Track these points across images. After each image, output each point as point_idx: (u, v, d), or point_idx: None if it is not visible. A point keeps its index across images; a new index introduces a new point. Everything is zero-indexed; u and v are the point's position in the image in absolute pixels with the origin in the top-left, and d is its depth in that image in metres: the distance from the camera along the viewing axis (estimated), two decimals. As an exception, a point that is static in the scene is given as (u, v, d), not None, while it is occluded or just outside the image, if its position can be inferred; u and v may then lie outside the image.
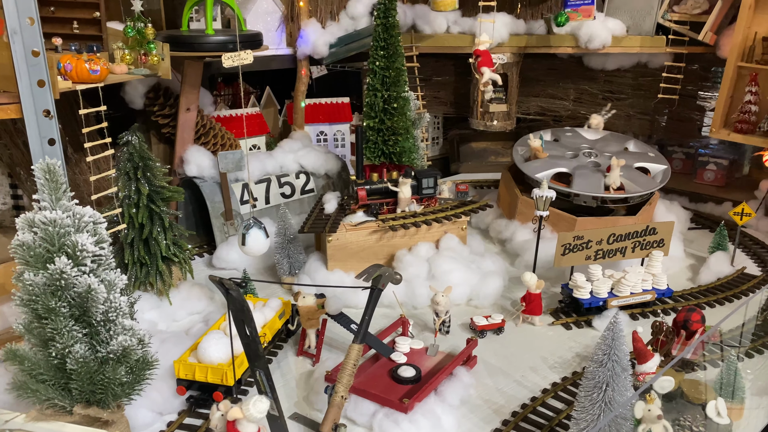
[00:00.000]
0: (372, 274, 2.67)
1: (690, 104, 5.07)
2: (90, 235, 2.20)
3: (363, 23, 4.90)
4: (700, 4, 4.64)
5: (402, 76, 3.93)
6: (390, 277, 2.63)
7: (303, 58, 4.78)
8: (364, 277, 2.74)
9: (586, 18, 4.60)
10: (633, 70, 5.12)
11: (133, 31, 3.26)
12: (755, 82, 4.30)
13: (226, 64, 3.50)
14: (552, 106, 5.47)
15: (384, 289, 2.60)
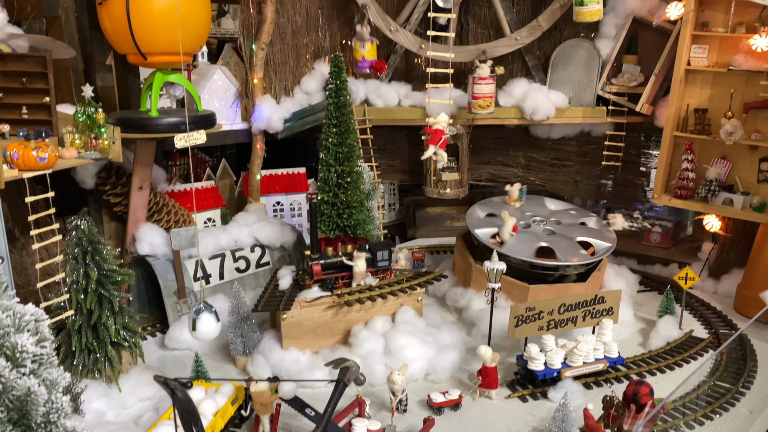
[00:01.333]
0: (339, 364, 2.68)
1: (633, 170, 5.29)
2: (31, 334, 2.14)
3: (317, 98, 5.02)
4: (635, 77, 4.91)
5: (354, 151, 4.02)
6: (354, 374, 2.63)
7: (258, 133, 4.85)
8: (332, 365, 2.75)
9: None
10: (577, 138, 5.34)
11: (84, 116, 3.27)
12: (690, 151, 4.53)
13: (179, 145, 3.54)
14: (502, 173, 5.63)
15: (348, 384, 2.59)
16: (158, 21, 3.40)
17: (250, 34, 4.73)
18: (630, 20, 4.84)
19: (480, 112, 4.88)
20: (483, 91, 4.80)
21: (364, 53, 5.02)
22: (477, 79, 4.78)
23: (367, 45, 4.99)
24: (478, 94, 4.82)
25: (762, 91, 4.17)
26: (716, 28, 4.30)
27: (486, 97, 4.83)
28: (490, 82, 4.80)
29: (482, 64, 4.77)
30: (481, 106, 4.84)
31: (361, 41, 4.98)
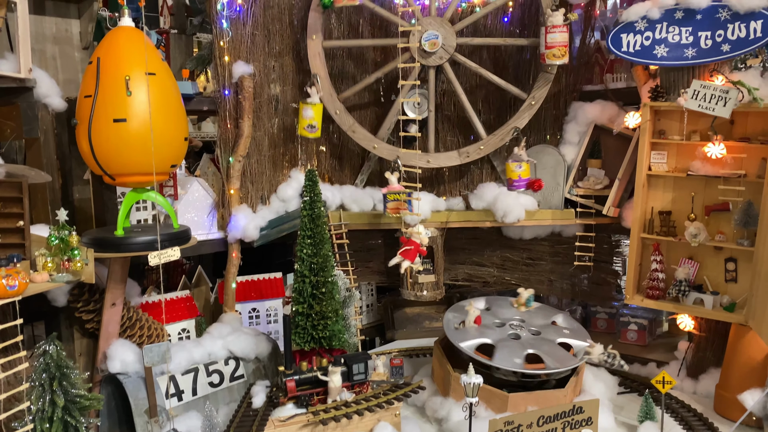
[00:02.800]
0: None
1: (605, 269, 5.38)
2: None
3: (294, 205, 5.11)
4: (601, 180, 5.10)
5: (329, 261, 4.06)
6: None
7: (234, 242, 4.89)
8: None
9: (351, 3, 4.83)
10: (549, 238, 5.45)
11: (57, 239, 3.29)
12: (659, 252, 4.64)
13: (152, 262, 3.56)
14: (478, 272, 5.69)
15: None
16: (121, 145, 3.50)
17: (227, 147, 4.87)
18: (592, 127, 5.08)
19: (555, 62, 4.68)
20: (557, 40, 4.62)
21: (520, 173, 4.90)
22: (550, 27, 4.61)
23: (523, 165, 4.87)
24: (551, 44, 4.63)
25: (721, 195, 4.34)
26: (673, 136, 4.52)
27: (560, 45, 4.62)
28: (563, 30, 4.61)
29: (554, 12, 4.62)
30: (555, 55, 4.64)
31: (518, 162, 4.86)
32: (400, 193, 4.83)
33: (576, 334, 4.45)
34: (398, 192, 4.83)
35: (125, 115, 3.46)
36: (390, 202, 4.84)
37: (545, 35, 4.66)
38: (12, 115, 3.91)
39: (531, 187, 4.93)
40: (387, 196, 4.84)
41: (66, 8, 4.97)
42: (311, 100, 4.84)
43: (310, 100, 4.84)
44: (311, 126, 4.86)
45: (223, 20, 4.65)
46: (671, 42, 4.25)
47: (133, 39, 3.59)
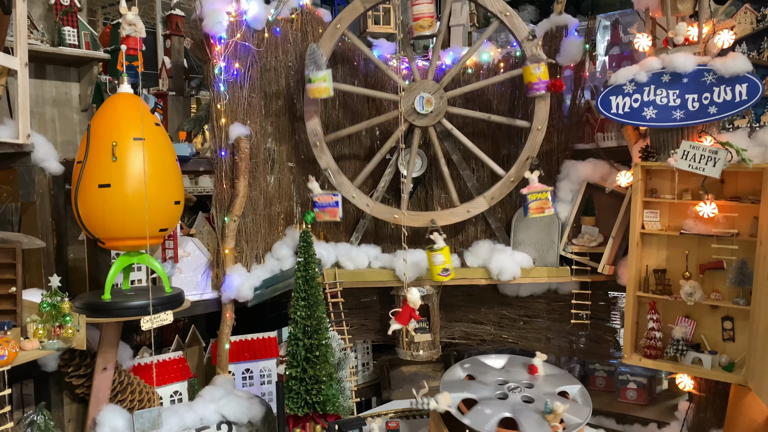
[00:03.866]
0: None
1: (602, 326, 5.34)
2: None
3: (288, 263, 5.10)
4: (595, 238, 5.11)
5: (323, 323, 4.04)
6: None
7: (228, 302, 4.86)
8: None
9: (333, 218, 4.98)
10: (545, 296, 5.43)
11: (49, 306, 3.27)
12: (655, 310, 4.61)
13: (145, 327, 3.54)
14: (475, 330, 5.64)
15: None
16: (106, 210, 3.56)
17: (223, 207, 4.89)
18: (584, 185, 5.13)
19: (423, 33, 4.72)
20: (423, 11, 4.67)
21: (539, 74, 4.77)
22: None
23: (542, 66, 4.76)
24: (418, 15, 4.67)
25: (714, 253, 4.35)
26: (664, 195, 4.56)
27: (427, 16, 4.66)
28: (429, 1, 4.67)
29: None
30: (422, 26, 4.68)
31: (537, 62, 4.75)
32: (542, 192, 4.75)
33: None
34: (540, 191, 4.75)
35: (110, 181, 3.53)
36: (532, 202, 4.77)
37: (411, 7, 4.69)
38: (9, 179, 3.94)
39: (552, 89, 4.79)
40: (529, 197, 4.76)
41: (66, 72, 5.08)
42: (438, 246, 4.82)
43: (437, 246, 4.83)
44: (445, 270, 4.88)
45: (221, 84, 4.74)
46: (659, 104, 4.33)
47: (126, 105, 3.67)
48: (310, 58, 4.72)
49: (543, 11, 14.38)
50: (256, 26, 4.87)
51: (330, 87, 4.80)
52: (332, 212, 4.93)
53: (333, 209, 4.93)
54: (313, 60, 4.71)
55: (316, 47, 4.76)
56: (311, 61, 4.72)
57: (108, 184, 3.52)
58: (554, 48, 5.20)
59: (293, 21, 5.21)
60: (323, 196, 4.92)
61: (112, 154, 3.50)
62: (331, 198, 4.93)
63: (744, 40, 4.55)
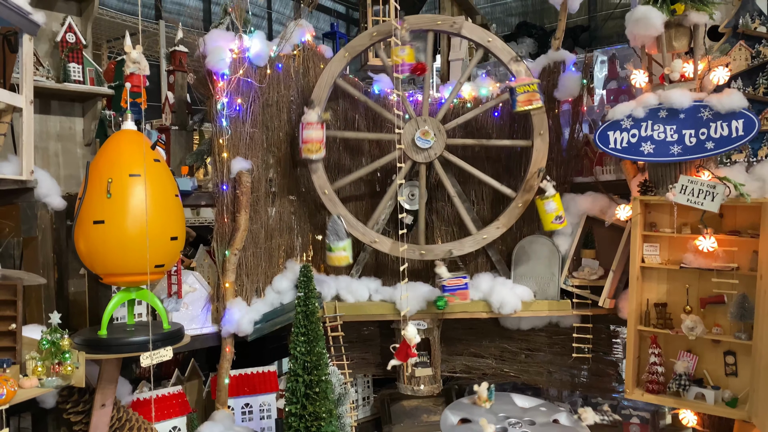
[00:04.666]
0: None
1: (604, 360, 5.31)
2: None
3: (289, 297, 5.10)
4: (596, 271, 5.11)
5: (323, 359, 4.02)
6: None
7: (227, 336, 4.84)
8: None
9: (464, 300, 5.00)
10: (546, 329, 5.41)
11: (48, 343, 3.27)
12: (656, 345, 4.60)
13: (144, 363, 3.52)
14: (476, 364, 5.60)
15: None
16: (101, 246, 3.58)
17: (223, 241, 4.91)
18: (584, 218, 5.15)
19: (311, 156, 4.87)
20: (311, 136, 4.84)
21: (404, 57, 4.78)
22: (304, 124, 4.83)
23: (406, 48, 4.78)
24: (307, 139, 4.84)
25: (715, 287, 4.35)
26: (664, 229, 4.58)
27: (314, 141, 4.84)
28: (318, 127, 4.83)
29: (309, 110, 4.86)
30: (310, 149, 4.84)
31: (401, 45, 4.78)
32: (530, 84, 4.72)
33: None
34: (528, 83, 4.72)
35: (104, 217, 3.56)
36: (521, 95, 4.73)
37: (301, 131, 4.88)
38: (11, 215, 3.97)
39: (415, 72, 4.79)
40: (516, 89, 4.73)
41: (71, 107, 5.14)
42: (549, 193, 4.80)
43: (548, 194, 4.81)
44: (558, 218, 4.83)
45: (223, 119, 4.79)
46: (657, 139, 4.38)
47: (128, 141, 3.71)
48: (332, 228, 4.84)
49: (541, 43, 14.66)
50: (258, 63, 4.94)
51: (350, 255, 4.92)
52: (463, 295, 4.96)
53: (463, 292, 4.96)
54: (334, 230, 4.82)
55: (337, 218, 4.88)
56: (333, 231, 4.83)
57: (102, 220, 3.56)
58: (552, 83, 5.27)
59: (295, 57, 5.30)
60: (452, 280, 4.95)
61: (107, 191, 3.54)
62: (460, 281, 4.95)
63: (739, 76, 4.62)
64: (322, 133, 4.87)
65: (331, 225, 4.86)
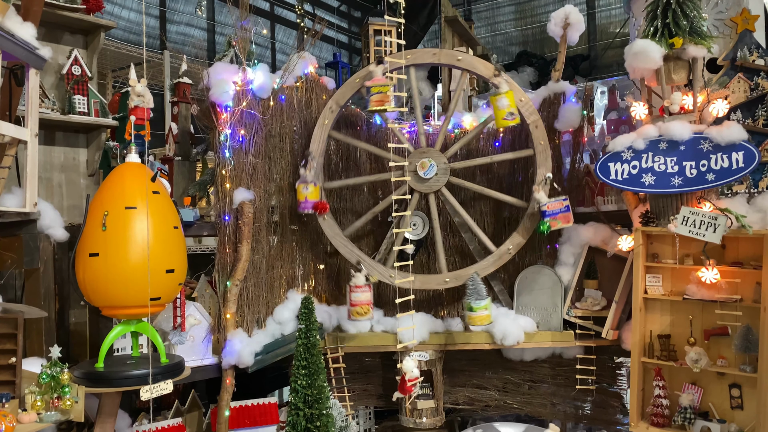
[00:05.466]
0: None
1: (608, 392, 5.26)
2: None
3: (290, 328, 5.07)
4: (598, 301, 5.09)
5: (324, 392, 3.99)
6: None
7: (228, 368, 4.80)
8: None
9: (565, 224, 4.85)
10: (550, 360, 5.38)
11: (48, 377, 3.25)
12: (661, 377, 4.55)
13: (144, 397, 3.50)
14: (479, 396, 5.55)
15: None
16: (95, 279, 3.61)
17: (225, 272, 4.90)
18: (586, 249, 5.14)
19: (359, 319, 4.86)
20: (360, 299, 4.83)
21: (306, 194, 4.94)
22: (353, 287, 4.84)
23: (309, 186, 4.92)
24: (355, 302, 4.84)
25: (718, 319, 4.32)
26: (666, 260, 4.57)
27: (363, 304, 4.83)
28: (366, 289, 4.84)
29: (357, 273, 4.87)
30: (359, 312, 4.84)
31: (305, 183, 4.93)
32: (384, 86, 4.72)
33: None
34: (383, 84, 4.72)
35: (98, 250, 3.59)
36: (374, 95, 4.74)
37: (349, 294, 4.89)
38: (14, 246, 3.97)
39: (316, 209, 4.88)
40: (371, 89, 4.75)
41: (75, 138, 5.19)
42: (502, 89, 4.70)
43: (501, 90, 4.70)
44: (510, 113, 4.72)
45: (226, 150, 4.83)
46: (657, 171, 4.39)
47: (129, 174, 3.74)
48: (472, 287, 4.84)
49: (542, 72, 14.83)
50: (261, 94, 4.99)
51: (491, 314, 4.88)
52: (565, 218, 4.81)
53: (566, 215, 4.80)
54: (475, 290, 4.84)
55: (476, 276, 4.89)
56: (473, 290, 4.84)
57: (97, 253, 3.58)
58: (553, 114, 5.32)
59: (298, 88, 5.36)
60: (553, 204, 4.80)
61: (102, 224, 3.57)
62: (561, 204, 4.79)
63: (738, 108, 4.65)
64: (371, 295, 4.88)
65: (471, 284, 4.83)
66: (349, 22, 18.49)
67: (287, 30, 16.59)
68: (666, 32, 4.30)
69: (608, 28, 15.80)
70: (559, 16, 5.19)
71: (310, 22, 15.81)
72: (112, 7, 12.05)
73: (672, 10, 4.28)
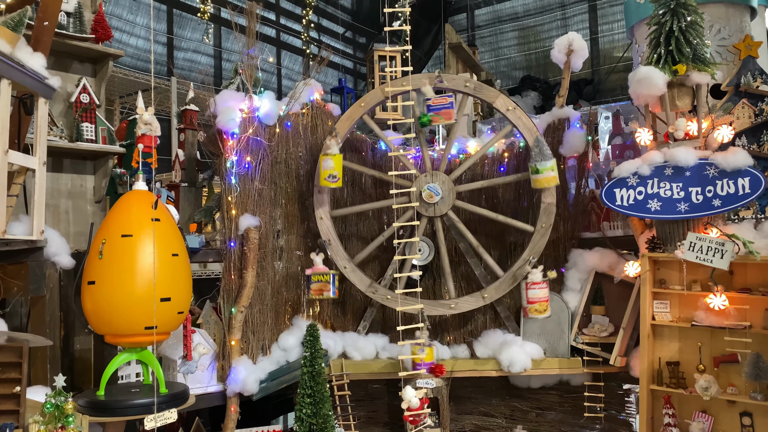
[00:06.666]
0: None
1: (617, 420, 5.19)
2: None
3: (295, 354, 5.03)
4: (606, 327, 5.05)
5: (329, 422, 3.95)
6: None
7: (233, 396, 4.76)
8: None
9: (447, 120, 4.89)
10: (557, 387, 5.32)
11: (52, 406, 3.23)
12: (670, 405, 4.49)
13: (149, 426, 3.47)
14: (486, 423, 5.48)
15: None
16: (93, 307, 3.66)
17: (230, 298, 4.88)
18: (592, 274, 5.12)
19: (538, 317, 4.86)
20: (538, 296, 4.82)
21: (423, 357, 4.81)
22: (530, 284, 4.82)
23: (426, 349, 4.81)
24: (533, 299, 4.83)
25: (728, 346, 4.28)
26: (674, 286, 4.53)
27: (542, 301, 4.83)
28: (543, 286, 4.83)
29: (534, 270, 4.86)
30: (538, 310, 4.83)
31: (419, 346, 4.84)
32: (324, 275, 4.93)
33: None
34: (323, 273, 4.93)
35: (95, 278, 3.63)
36: (314, 283, 4.97)
37: (526, 290, 4.88)
38: (20, 274, 3.99)
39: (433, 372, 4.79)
40: (311, 277, 4.96)
41: (83, 165, 5.23)
42: (331, 151, 4.83)
43: (330, 151, 4.84)
44: (332, 176, 4.87)
45: (232, 177, 4.85)
46: (663, 197, 4.39)
47: (134, 202, 3.76)
48: (537, 149, 4.80)
49: (545, 96, 14.93)
50: (268, 122, 5.03)
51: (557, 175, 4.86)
52: (447, 114, 4.81)
53: (448, 111, 4.80)
54: (539, 151, 4.79)
55: (540, 138, 4.87)
56: (538, 152, 4.79)
57: (93, 281, 3.63)
58: (557, 139, 5.33)
59: (304, 115, 5.40)
60: (437, 99, 4.80)
61: (99, 253, 3.59)
62: (445, 100, 4.77)
63: (743, 134, 4.65)
64: (548, 291, 4.89)
65: (535, 146, 4.75)
66: (354, 48, 18.70)
67: (293, 56, 16.78)
68: (669, 59, 4.34)
69: (611, 53, 15.93)
70: (563, 43, 5.23)
71: (315, 49, 15.98)
72: (120, 35, 12.21)
73: (675, 38, 4.31)
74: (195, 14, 13.08)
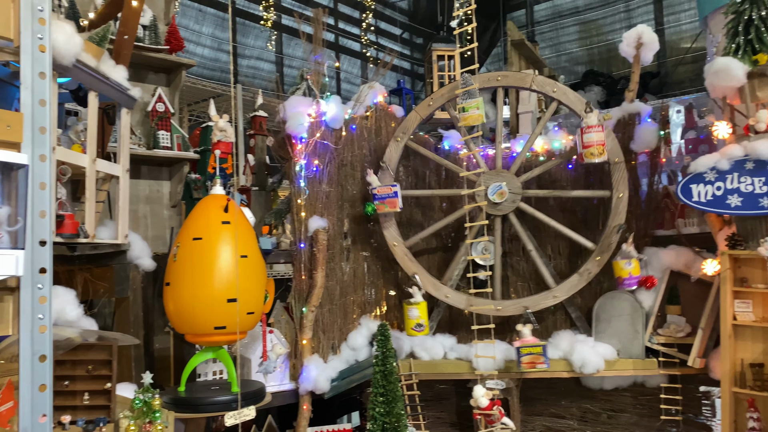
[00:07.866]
0: None
1: (695, 424, 5.01)
2: None
3: (363, 354, 5.11)
4: (682, 328, 4.88)
5: (402, 420, 3.98)
6: None
7: (305, 394, 4.87)
8: None
9: (392, 209, 4.97)
10: (631, 389, 5.18)
11: (141, 402, 3.39)
12: (754, 408, 4.31)
13: (229, 423, 3.59)
14: (556, 425, 5.39)
15: None
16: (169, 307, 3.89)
17: (301, 298, 5.00)
18: (667, 273, 4.96)
19: (593, 160, 4.73)
20: (593, 139, 4.69)
21: (630, 270, 4.88)
22: (585, 128, 4.70)
23: (633, 262, 4.87)
24: (588, 143, 4.70)
25: (818, 347, 4.07)
26: (756, 285, 4.35)
27: (598, 144, 4.68)
28: (599, 129, 4.69)
29: (589, 114, 4.72)
30: (593, 153, 4.70)
31: (627, 258, 4.87)
32: (535, 346, 4.75)
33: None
34: (533, 345, 4.76)
35: (170, 280, 3.87)
36: (525, 356, 4.76)
37: (581, 135, 4.74)
38: (106, 276, 4.19)
39: (643, 285, 4.81)
40: (521, 350, 4.77)
41: (159, 171, 5.45)
42: (414, 300, 5.00)
43: (414, 300, 5.00)
44: (419, 325, 5.01)
45: (301, 180, 4.95)
46: (744, 192, 4.22)
47: (211, 206, 3.91)
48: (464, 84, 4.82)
49: (610, 91, 14.52)
50: (334, 125, 5.12)
51: (483, 114, 4.86)
52: (392, 203, 4.95)
53: (393, 200, 4.95)
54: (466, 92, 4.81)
55: (467, 75, 4.89)
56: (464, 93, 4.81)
57: (168, 282, 3.88)
58: (628, 135, 5.20)
59: (368, 117, 5.46)
60: (382, 188, 4.95)
61: (173, 256, 3.78)
62: (389, 189, 4.93)
63: (830, 124, 4.41)
64: (604, 135, 4.73)
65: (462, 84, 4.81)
66: (411, 49, 18.72)
67: (351, 59, 16.95)
68: (749, 49, 4.16)
69: (678, 44, 15.34)
70: (632, 36, 5.10)
71: (374, 51, 16.09)
72: (187, 44, 12.65)
73: (754, 26, 4.14)
74: (258, 22, 13.42)
